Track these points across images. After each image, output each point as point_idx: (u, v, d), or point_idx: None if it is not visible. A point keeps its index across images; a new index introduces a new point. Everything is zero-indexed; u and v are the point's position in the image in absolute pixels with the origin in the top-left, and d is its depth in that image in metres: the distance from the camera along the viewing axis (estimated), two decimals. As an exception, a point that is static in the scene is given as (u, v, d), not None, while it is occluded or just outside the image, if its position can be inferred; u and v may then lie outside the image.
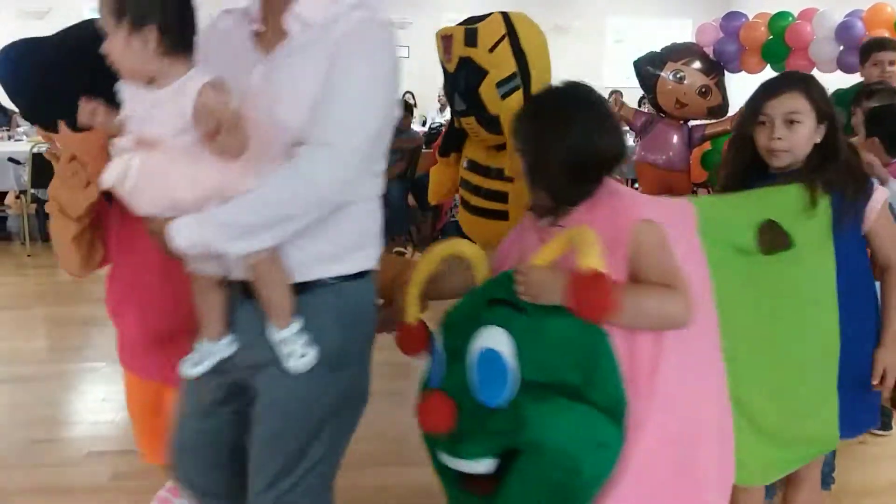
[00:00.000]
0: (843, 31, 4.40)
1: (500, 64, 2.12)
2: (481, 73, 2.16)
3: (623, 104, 5.06)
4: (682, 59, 4.73)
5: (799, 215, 1.67)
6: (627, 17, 11.50)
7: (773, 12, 4.71)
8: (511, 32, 2.15)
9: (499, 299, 1.41)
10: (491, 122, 2.27)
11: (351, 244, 1.48)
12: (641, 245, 1.38)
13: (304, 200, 1.35)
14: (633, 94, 6.33)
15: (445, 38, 2.23)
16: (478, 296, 1.49)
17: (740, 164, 1.84)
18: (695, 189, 5.63)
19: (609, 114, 1.52)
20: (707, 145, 5.03)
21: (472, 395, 1.37)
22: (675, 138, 4.77)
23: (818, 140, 1.77)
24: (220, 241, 1.32)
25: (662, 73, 4.70)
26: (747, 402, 1.56)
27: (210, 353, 1.50)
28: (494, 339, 1.36)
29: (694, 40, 5.07)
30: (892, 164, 2.51)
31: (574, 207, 1.47)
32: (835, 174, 1.73)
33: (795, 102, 1.74)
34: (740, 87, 6.85)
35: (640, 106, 6.50)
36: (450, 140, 2.51)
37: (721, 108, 4.77)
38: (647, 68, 4.78)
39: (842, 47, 4.46)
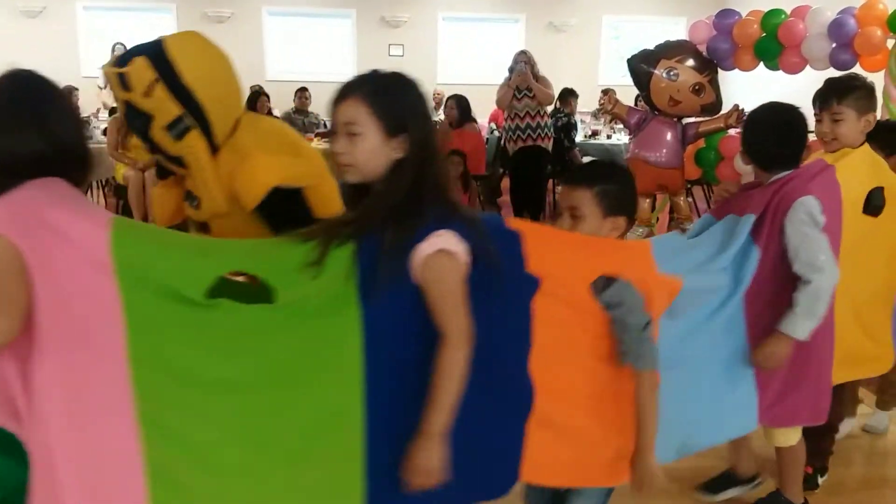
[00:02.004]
0: (836, 29, 4.42)
1: (161, 109, 1.95)
2: (146, 118, 1.99)
3: (617, 101, 5.07)
4: (675, 56, 4.75)
5: (308, 267, 1.41)
6: (623, 14, 11.52)
7: (766, 10, 4.72)
8: (165, 74, 1.94)
9: None
10: (176, 161, 2.12)
11: None
12: None
13: None
14: (629, 91, 6.33)
15: (106, 80, 2.12)
16: None
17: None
18: (689, 186, 5.66)
19: (31, 111, 1.41)
20: (701, 143, 5.07)
21: None
22: (669, 136, 4.80)
23: (398, 156, 1.46)
24: None
25: (656, 71, 4.72)
26: (179, 474, 1.42)
27: None
28: None
29: (687, 38, 5.09)
30: (771, 184, 2.04)
31: None
32: (381, 209, 1.44)
33: (353, 111, 1.44)
34: (738, 85, 6.89)
35: (635, 104, 6.53)
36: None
37: (714, 106, 4.80)
38: (641, 66, 4.80)
39: (834, 44, 4.48)
